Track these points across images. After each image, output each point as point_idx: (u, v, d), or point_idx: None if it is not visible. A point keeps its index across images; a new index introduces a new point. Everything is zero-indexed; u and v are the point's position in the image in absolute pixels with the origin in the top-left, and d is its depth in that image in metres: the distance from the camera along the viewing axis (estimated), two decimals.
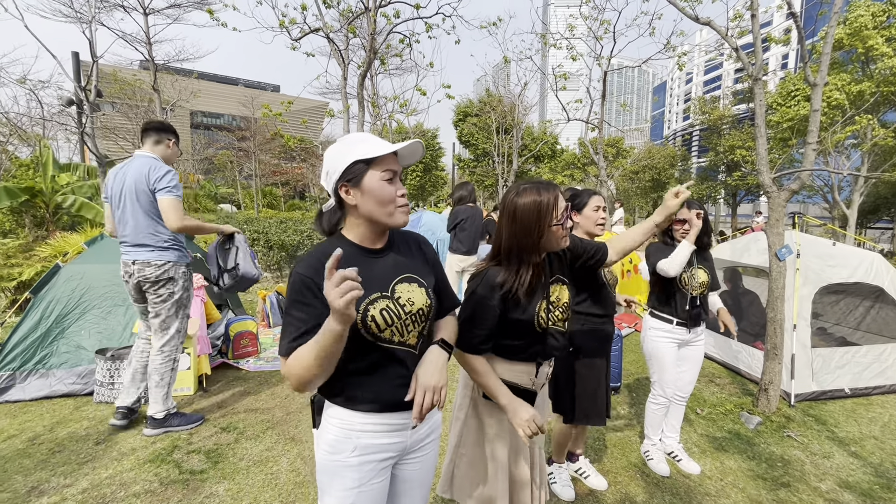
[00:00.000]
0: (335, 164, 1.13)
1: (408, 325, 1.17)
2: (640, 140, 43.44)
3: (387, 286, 1.16)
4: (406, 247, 1.29)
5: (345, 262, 1.09)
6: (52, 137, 18.68)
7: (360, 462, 1.15)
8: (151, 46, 9.75)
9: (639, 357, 4.69)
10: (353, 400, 1.15)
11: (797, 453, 2.94)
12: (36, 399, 3.39)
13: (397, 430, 1.20)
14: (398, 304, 1.16)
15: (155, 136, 2.93)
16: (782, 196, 3.47)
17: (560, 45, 8.84)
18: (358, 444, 1.15)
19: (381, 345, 1.13)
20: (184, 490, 2.36)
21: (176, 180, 2.81)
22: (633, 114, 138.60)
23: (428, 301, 1.22)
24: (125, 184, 2.81)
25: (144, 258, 2.87)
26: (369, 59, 6.08)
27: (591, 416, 2.23)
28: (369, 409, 1.15)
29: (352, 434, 1.15)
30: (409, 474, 1.29)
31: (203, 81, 44.69)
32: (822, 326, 4.57)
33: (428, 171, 32.94)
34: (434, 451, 1.34)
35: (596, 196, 2.28)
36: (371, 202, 1.13)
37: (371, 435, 1.16)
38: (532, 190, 1.43)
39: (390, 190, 1.13)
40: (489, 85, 22.92)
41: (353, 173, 1.12)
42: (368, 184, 1.11)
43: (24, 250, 7.49)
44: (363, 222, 1.16)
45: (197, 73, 14.59)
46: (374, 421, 1.16)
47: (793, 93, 16.57)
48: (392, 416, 1.18)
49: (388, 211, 1.14)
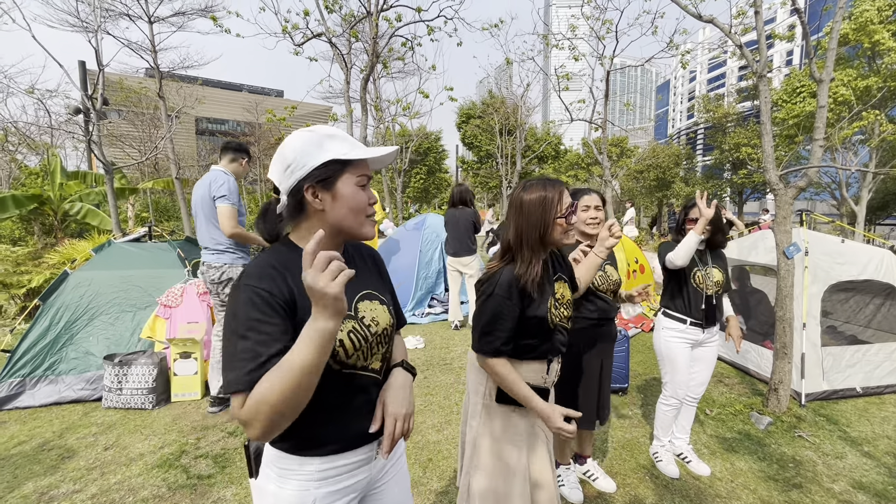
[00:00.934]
0: (302, 158, 0.95)
1: (373, 348, 1.04)
2: (644, 139, 43.26)
3: (349, 305, 1.01)
4: (361, 261, 1.16)
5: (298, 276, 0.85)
6: (61, 146, 18.90)
7: None
8: (157, 54, 9.84)
9: (646, 357, 4.66)
10: (310, 443, 0.97)
11: (809, 454, 2.90)
12: (45, 405, 3.42)
13: (360, 466, 1.05)
14: (363, 324, 1.02)
15: (232, 155, 3.31)
16: (789, 193, 3.43)
17: (562, 45, 8.84)
18: (317, 495, 0.98)
19: (345, 372, 0.99)
20: (192, 495, 2.37)
21: (234, 190, 3.11)
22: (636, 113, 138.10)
23: (391, 320, 1.12)
24: (198, 195, 3.17)
25: (207, 261, 3.23)
26: (372, 63, 6.11)
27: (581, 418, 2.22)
28: (329, 452, 0.99)
29: (309, 486, 0.97)
30: (382, 499, 1.15)
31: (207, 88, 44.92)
32: (832, 325, 4.51)
33: (432, 173, 33.01)
34: (403, 470, 1.22)
35: (588, 195, 2.24)
36: (343, 209, 0.98)
37: (332, 481, 1.00)
38: (538, 186, 1.48)
39: (364, 197, 1.01)
40: (492, 87, 22.97)
41: (326, 174, 0.96)
42: (343, 189, 0.97)
43: (32, 257, 7.57)
44: (336, 230, 1.01)
45: (202, 79, 14.73)
46: (334, 465, 1.00)
47: (798, 89, 16.44)
48: (355, 452, 1.03)
49: (359, 220, 1.01)
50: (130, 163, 14.74)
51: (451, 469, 2.61)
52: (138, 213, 16.68)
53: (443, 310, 6.40)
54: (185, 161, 21.92)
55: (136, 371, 3.40)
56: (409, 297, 6.37)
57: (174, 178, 9.92)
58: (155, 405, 3.41)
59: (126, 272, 4.00)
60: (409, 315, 6.20)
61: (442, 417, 3.29)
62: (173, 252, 4.31)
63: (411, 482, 2.48)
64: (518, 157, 17.22)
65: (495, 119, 19.69)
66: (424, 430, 3.11)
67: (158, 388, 3.45)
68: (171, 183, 12.84)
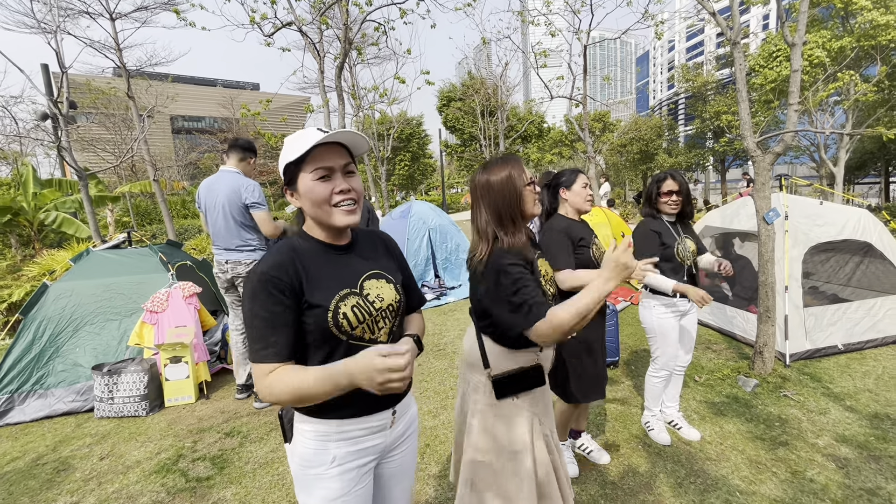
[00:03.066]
0: (280, 168, 1.12)
1: (378, 322, 1.14)
2: (626, 113, 43.21)
3: (355, 282, 1.13)
4: (370, 244, 1.27)
5: (310, 259, 1.10)
6: (31, 153, 18.29)
7: (340, 472, 1.10)
8: (121, 52, 9.49)
9: (636, 330, 4.74)
10: (327, 408, 1.08)
11: (794, 412, 3.00)
12: (37, 419, 3.38)
13: (376, 431, 1.16)
14: (367, 300, 1.13)
15: (240, 154, 3.43)
16: (767, 159, 3.47)
17: (538, 21, 8.71)
18: (336, 454, 1.10)
19: (353, 343, 1.09)
20: (192, 498, 2.37)
21: (263, 195, 3.34)
22: (617, 86, 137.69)
23: (397, 296, 1.21)
24: (218, 198, 3.31)
25: (236, 258, 3.38)
26: (345, 51, 5.97)
27: (590, 393, 2.25)
28: (346, 416, 1.11)
29: (329, 445, 1.10)
30: (391, 471, 1.26)
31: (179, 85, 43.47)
32: (814, 285, 4.62)
33: (416, 159, 32.70)
34: (414, 444, 1.32)
35: (582, 174, 2.32)
36: (307, 204, 1.09)
37: (349, 443, 1.12)
38: (500, 164, 1.50)
39: (323, 189, 1.07)
40: (471, 68, 22.65)
41: (289, 177, 1.10)
42: (301, 186, 1.08)
43: (11, 271, 7.39)
44: (314, 222, 1.14)
45: (172, 76, 14.29)
46: (351, 427, 1.12)
47: (774, 54, 16.47)
48: (370, 418, 1.14)
49: (325, 212, 1.09)
50: (105, 167, 14.36)
51: (447, 453, 2.64)
52: (118, 218, 16.32)
53: (434, 296, 6.42)
54: (162, 161, 21.38)
55: (127, 379, 3.36)
56: None
57: (152, 180, 9.69)
58: (149, 411, 3.39)
59: (107, 280, 3.92)
60: None
61: (437, 403, 3.32)
62: (155, 257, 4.23)
63: None
64: (501, 138, 17.11)
65: (476, 101, 19.48)
66: (420, 416, 3.14)
67: (151, 395, 3.42)
68: (150, 185, 12.54)
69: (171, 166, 26.84)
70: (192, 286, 3.95)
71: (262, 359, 1.00)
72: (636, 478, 2.39)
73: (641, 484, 2.34)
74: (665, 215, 2.59)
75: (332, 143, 1.08)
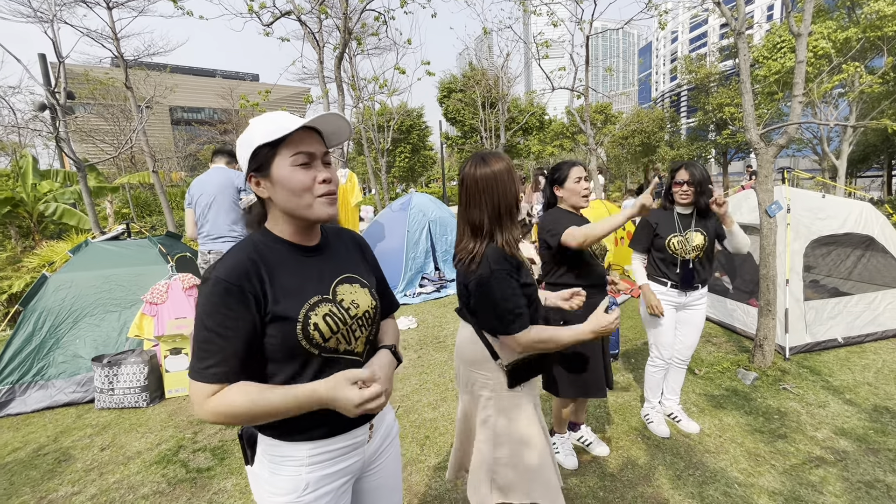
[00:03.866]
0: (243, 152, 0.97)
1: (354, 331, 1.03)
2: (627, 105, 42.90)
3: (327, 288, 1.01)
4: (342, 244, 1.15)
5: (275, 262, 0.97)
6: (30, 144, 18.18)
7: (315, 499, 0.99)
8: (119, 42, 9.39)
9: (637, 323, 4.73)
10: (297, 429, 0.97)
11: (793, 405, 3.00)
12: (38, 410, 3.39)
13: (353, 449, 1.06)
14: (342, 307, 1.01)
15: (227, 159, 3.75)
16: (770, 152, 3.43)
17: (540, 11, 8.60)
18: (310, 479, 0.98)
19: (324, 356, 0.98)
20: (192, 488, 2.38)
21: None
22: (619, 78, 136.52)
23: (373, 302, 1.10)
24: (208, 189, 3.52)
25: (219, 248, 3.54)
26: (344, 40, 5.90)
27: (589, 389, 2.24)
28: (318, 437, 0.99)
29: (301, 471, 0.98)
30: (374, 483, 1.17)
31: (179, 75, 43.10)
32: (815, 279, 4.61)
33: (416, 151, 32.52)
34: (395, 453, 1.22)
35: (576, 167, 2.22)
36: (283, 193, 0.95)
37: (323, 465, 1.00)
38: (495, 158, 1.48)
39: (304, 177, 0.94)
40: (472, 59, 22.43)
41: (259, 160, 0.95)
42: (277, 171, 0.94)
43: (11, 262, 7.38)
44: (284, 217, 1.00)
45: (170, 67, 14.17)
46: (325, 448, 1.00)
47: (779, 44, 16.30)
48: (345, 436, 1.03)
49: (305, 202, 0.96)
50: (104, 158, 14.29)
51: (448, 445, 2.65)
52: (118, 209, 16.29)
53: (434, 288, 6.41)
54: (161, 153, 21.26)
55: (127, 370, 3.37)
56: (400, 278, 6.37)
57: (151, 171, 9.64)
58: (149, 402, 3.40)
59: (107, 272, 3.91)
60: (401, 296, 6.20)
61: (437, 395, 3.33)
62: (154, 248, 4.22)
63: (409, 460, 2.53)
64: (502, 130, 16.98)
65: (477, 92, 19.32)
66: (420, 408, 3.15)
67: (151, 386, 3.43)
68: (149, 176, 12.48)
69: (171, 157, 26.72)
70: (191, 278, 3.94)
71: (207, 378, 0.86)
72: (635, 470, 2.40)
73: (640, 476, 2.35)
74: (677, 206, 2.57)
75: (310, 128, 0.98)
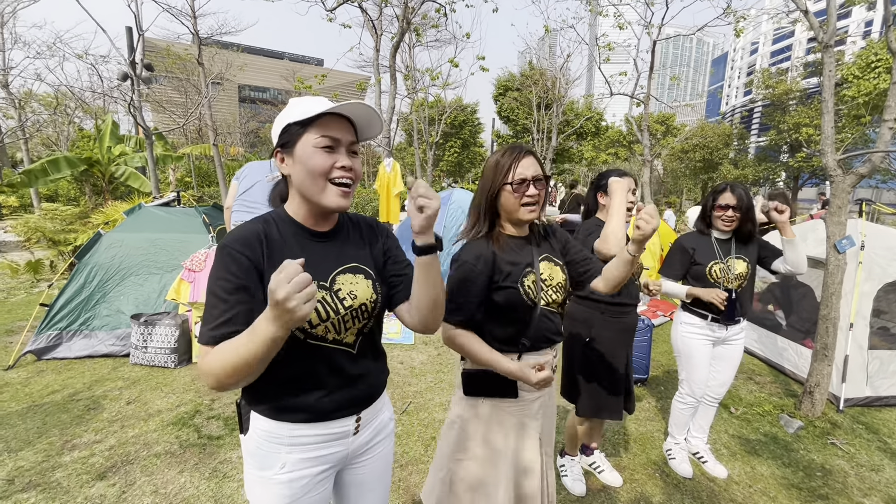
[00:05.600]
0: (276, 127, 1.00)
1: (347, 322, 1.01)
2: (693, 117, 40.68)
3: (326, 276, 1.00)
4: (357, 232, 1.13)
5: (280, 241, 0.97)
6: (114, 111, 19.63)
7: (290, 479, 1.00)
8: (196, 20, 9.92)
9: (670, 348, 4.44)
10: (280, 409, 0.99)
11: (841, 463, 2.69)
12: (79, 358, 3.64)
13: (335, 439, 1.05)
14: (337, 297, 1.00)
15: None
16: (848, 181, 3.08)
17: (606, 13, 8.23)
18: (287, 460, 1.00)
19: (310, 342, 0.98)
20: (200, 454, 2.45)
21: None
22: (687, 88, 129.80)
23: (373, 295, 1.06)
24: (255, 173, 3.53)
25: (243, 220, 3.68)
26: (401, 30, 5.90)
27: (603, 409, 2.11)
28: (299, 420, 1.00)
29: (280, 449, 1.00)
30: (360, 478, 1.16)
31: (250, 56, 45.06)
32: (885, 326, 4.13)
33: (466, 146, 32.44)
34: (386, 451, 1.20)
35: (627, 178, 2.07)
36: (301, 173, 0.96)
37: (302, 449, 1.01)
38: (499, 151, 1.43)
39: (324, 160, 0.95)
40: (532, 58, 21.99)
41: (287, 137, 0.97)
42: (301, 150, 0.95)
43: (81, 217, 8.01)
44: (299, 198, 1.01)
45: (242, 46, 14.83)
46: (305, 433, 1.01)
47: (873, 63, 14.82)
48: (328, 424, 1.03)
49: (318, 186, 0.96)
50: (174, 127, 15.21)
51: None
52: (181, 177, 17.35)
53: None
54: (225, 128, 22.42)
55: (160, 331, 3.54)
56: None
57: (212, 144, 10.15)
58: (177, 364, 3.56)
59: (154, 235, 4.13)
60: None
61: (451, 395, 3.26)
62: (199, 218, 4.41)
63: (411, 459, 2.49)
64: (554, 132, 16.55)
65: (533, 92, 18.93)
66: (432, 407, 3.10)
67: (180, 349, 3.58)
68: (210, 149, 13.18)
69: (233, 132, 28.12)
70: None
71: (212, 340, 0.86)
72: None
73: None
74: (717, 231, 2.36)
75: (343, 117, 0.99)
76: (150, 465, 2.36)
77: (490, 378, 1.38)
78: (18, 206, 14.67)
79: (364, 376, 1.08)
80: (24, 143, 16.41)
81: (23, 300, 5.40)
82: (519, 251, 1.41)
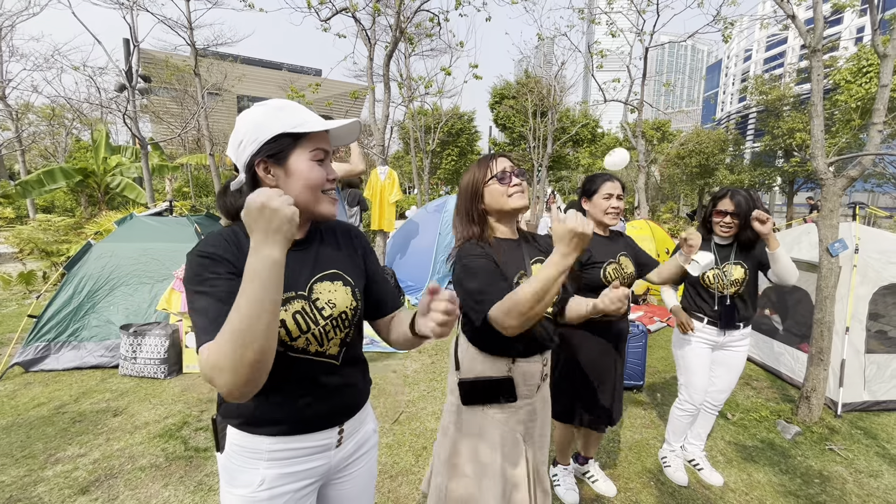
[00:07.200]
0: (253, 133, 0.91)
1: (328, 332, 0.99)
2: (688, 123, 40.94)
3: (303, 285, 0.97)
4: (332, 238, 1.10)
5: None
6: (112, 122, 19.67)
7: (270, 497, 0.96)
8: (192, 31, 9.98)
9: (668, 354, 4.41)
10: (258, 422, 0.95)
11: (839, 469, 2.65)
12: (68, 369, 3.59)
13: (317, 452, 1.01)
14: (315, 306, 0.97)
15: None
16: (838, 184, 3.08)
17: (599, 20, 8.30)
18: (266, 475, 0.95)
19: (291, 355, 0.94)
20: (186, 466, 2.41)
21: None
22: (682, 94, 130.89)
23: (353, 303, 1.04)
24: None
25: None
26: (395, 39, 5.93)
27: (590, 419, 2.07)
28: (278, 433, 0.96)
29: (258, 464, 0.95)
30: (344, 493, 1.12)
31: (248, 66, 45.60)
32: (882, 329, 4.11)
33: (463, 154, 32.51)
34: (370, 465, 1.17)
35: (610, 182, 2.06)
36: (297, 186, 0.93)
37: (282, 464, 0.97)
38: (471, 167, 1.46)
39: (320, 173, 0.95)
40: (528, 66, 22.15)
41: (277, 148, 0.91)
42: (296, 164, 0.92)
43: (74, 228, 7.99)
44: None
45: (241, 58, 14.92)
46: (285, 446, 0.97)
47: (864, 69, 14.95)
48: (309, 437, 0.99)
49: (315, 197, 0.95)
50: (167, 137, 15.25)
51: None
52: (178, 187, 17.35)
53: None
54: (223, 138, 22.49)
55: (150, 341, 3.49)
56: (427, 279, 6.31)
57: (208, 154, 10.17)
58: (167, 375, 3.51)
59: (145, 245, 4.10)
60: None
61: (443, 405, 3.22)
62: (191, 227, 4.38)
63: (401, 470, 2.44)
64: (549, 140, 16.61)
65: (529, 100, 19.03)
66: (424, 416, 3.06)
67: (170, 359, 3.54)
68: (206, 159, 13.18)
69: None
70: None
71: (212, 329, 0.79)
72: None
73: None
74: (716, 237, 2.34)
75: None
76: (135, 478, 2.31)
77: (486, 385, 1.37)
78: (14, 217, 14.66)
79: (347, 386, 1.06)
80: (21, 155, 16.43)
81: (13, 312, 5.35)
82: (510, 253, 1.41)
